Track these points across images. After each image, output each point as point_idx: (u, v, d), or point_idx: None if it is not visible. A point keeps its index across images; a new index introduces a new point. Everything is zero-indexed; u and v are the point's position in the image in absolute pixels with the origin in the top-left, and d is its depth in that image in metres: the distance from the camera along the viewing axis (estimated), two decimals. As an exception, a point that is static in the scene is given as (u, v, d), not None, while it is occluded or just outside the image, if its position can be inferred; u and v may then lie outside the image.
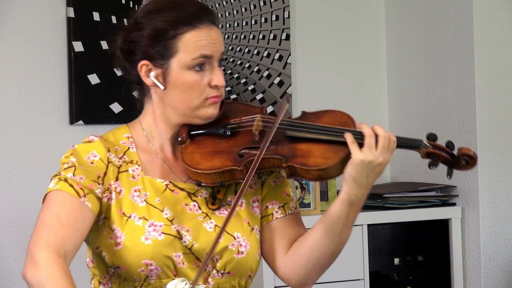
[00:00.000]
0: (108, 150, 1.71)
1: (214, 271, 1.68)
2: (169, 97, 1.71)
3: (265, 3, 3.33)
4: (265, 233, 1.77)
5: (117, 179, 1.69)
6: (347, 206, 1.67)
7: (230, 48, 3.28)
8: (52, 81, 2.99)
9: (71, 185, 1.64)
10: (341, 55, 3.49)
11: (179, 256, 1.65)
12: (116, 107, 3.05)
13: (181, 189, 1.72)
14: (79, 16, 2.99)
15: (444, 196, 3.20)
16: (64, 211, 1.62)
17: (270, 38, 3.34)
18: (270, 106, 3.30)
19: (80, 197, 1.63)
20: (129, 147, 1.74)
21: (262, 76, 3.32)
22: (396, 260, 3.10)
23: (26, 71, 2.95)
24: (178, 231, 1.66)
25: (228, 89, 3.27)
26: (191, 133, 1.73)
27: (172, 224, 1.66)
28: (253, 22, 3.31)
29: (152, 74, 1.70)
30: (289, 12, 3.37)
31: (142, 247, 1.63)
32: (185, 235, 1.66)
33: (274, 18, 3.35)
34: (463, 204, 3.17)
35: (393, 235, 3.12)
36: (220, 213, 1.71)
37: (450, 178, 1.79)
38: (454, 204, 3.19)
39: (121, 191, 1.68)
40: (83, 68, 3.00)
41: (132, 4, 3.10)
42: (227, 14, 3.26)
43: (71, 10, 2.98)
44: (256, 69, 3.32)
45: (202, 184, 1.70)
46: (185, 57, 1.67)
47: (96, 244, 1.69)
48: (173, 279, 1.61)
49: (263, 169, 1.74)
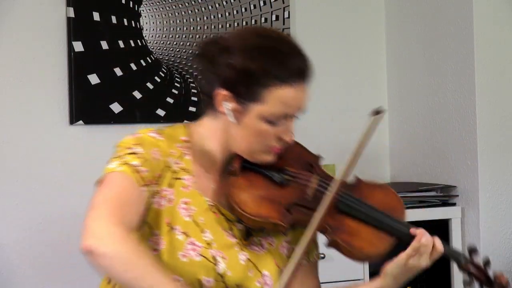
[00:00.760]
0: (169, 154, 1.65)
1: None
2: (235, 131, 1.65)
3: (265, 3, 3.33)
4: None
5: (170, 185, 1.64)
6: None
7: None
8: (52, 81, 2.99)
9: (136, 172, 1.57)
10: (341, 55, 3.49)
11: (209, 281, 1.61)
12: (116, 107, 3.05)
13: (222, 214, 1.68)
14: (79, 16, 2.99)
15: (444, 196, 3.19)
16: (127, 192, 1.55)
17: (270, 38, 3.33)
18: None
19: (140, 186, 1.57)
20: (185, 153, 1.68)
21: (262, 76, 3.31)
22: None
23: (26, 71, 2.95)
24: (214, 257, 1.62)
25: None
26: (244, 165, 1.68)
27: (210, 248, 1.62)
28: (253, 22, 3.31)
29: (228, 105, 1.63)
30: (289, 12, 3.37)
31: (177, 262, 1.59)
32: (220, 262, 1.62)
33: (274, 18, 3.35)
34: (463, 204, 3.17)
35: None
36: (252, 249, 1.68)
37: None
38: (454, 204, 3.19)
39: (171, 199, 1.64)
40: (83, 68, 3.00)
41: (132, 4, 3.10)
42: (227, 14, 3.26)
43: (71, 10, 2.98)
44: (256, 69, 3.31)
45: (242, 223, 1.66)
46: (267, 110, 1.61)
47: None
48: None
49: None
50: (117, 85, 3.06)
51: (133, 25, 3.10)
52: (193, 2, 3.21)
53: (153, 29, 3.13)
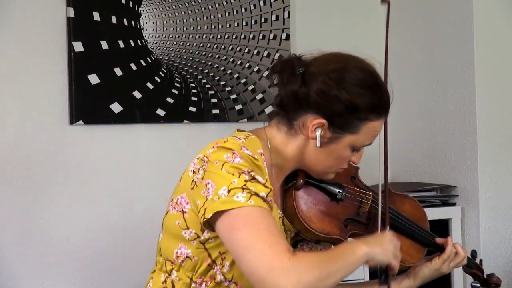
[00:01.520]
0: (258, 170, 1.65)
1: None
2: (314, 152, 1.71)
3: (265, 3, 3.33)
4: None
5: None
6: None
7: (230, 48, 3.27)
8: (52, 81, 2.99)
9: (265, 201, 1.58)
10: (341, 55, 3.48)
11: None
12: (116, 107, 3.05)
13: (283, 224, 1.75)
14: (79, 16, 2.99)
15: (444, 196, 3.20)
16: (270, 224, 1.54)
17: (270, 38, 3.34)
18: (270, 106, 3.30)
19: (269, 210, 1.59)
20: (264, 166, 1.68)
21: (262, 76, 3.32)
22: (396, 260, 3.10)
23: (26, 71, 2.95)
24: None
25: (228, 89, 3.27)
26: (308, 180, 1.76)
27: None
28: (253, 22, 3.31)
29: (320, 132, 1.68)
30: (289, 12, 3.37)
31: None
32: None
33: (274, 18, 3.35)
34: (463, 204, 3.17)
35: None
36: None
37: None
38: (454, 204, 3.19)
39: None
40: (83, 68, 3.00)
41: (132, 4, 3.10)
42: (227, 14, 3.26)
43: (71, 10, 2.98)
44: (256, 69, 3.31)
45: (301, 235, 1.75)
46: (360, 140, 1.71)
47: (224, 249, 1.65)
48: None
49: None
50: (117, 85, 3.06)
51: (133, 25, 3.10)
52: (193, 2, 3.20)
53: (153, 29, 3.13)
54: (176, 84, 3.16)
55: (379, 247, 1.64)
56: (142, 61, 3.11)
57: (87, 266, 2.99)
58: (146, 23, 3.12)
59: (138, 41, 3.11)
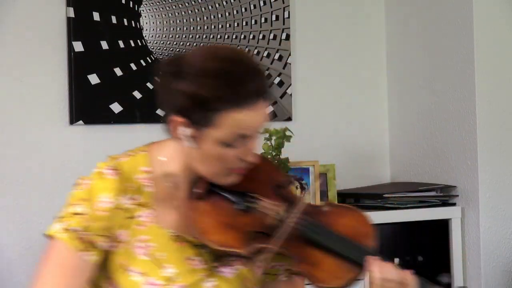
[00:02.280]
0: (123, 192, 1.59)
1: None
2: (196, 154, 1.59)
3: (265, 3, 3.33)
4: None
5: (123, 226, 1.59)
6: None
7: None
8: (52, 81, 2.99)
9: (78, 238, 1.56)
10: (341, 55, 3.48)
11: None
12: (116, 107, 3.05)
13: (188, 241, 1.62)
14: (79, 16, 2.99)
15: (444, 196, 3.19)
16: (68, 268, 1.55)
17: (270, 38, 3.33)
18: (270, 106, 3.30)
19: (83, 251, 1.56)
20: (145, 185, 1.62)
21: (262, 76, 3.31)
22: (396, 260, 3.10)
23: (26, 71, 2.95)
24: None
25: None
26: (211, 188, 1.62)
27: (172, 284, 1.58)
28: (253, 22, 3.31)
29: (185, 131, 1.57)
30: (289, 12, 3.37)
31: None
32: None
33: (274, 18, 3.35)
34: (463, 204, 3.17)
35: (393, 235, 3.12)
36: (221, 272, 1.64)
37: None
38: (454, 204, 3.19)
39: (127, 241, 1.59)
40: (83, 68, 3.00)
41: (132, 4, 3.10)
42: (227, 14, 3.26)
43: (71, 10, 2.98)
44: (256, 69, 3.31)
45: (204, 247, 1.61)
46: (221, 135, 1.55)
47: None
48: None
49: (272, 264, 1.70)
50: (117, 85, 3.06)
51: (133, 25, 3.10)
52: (193, 2, 3.20)
53: (153, 29, 3.13)
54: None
55: None
56: (142, 61, 3.11)
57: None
58: (146, 23, 3.12)
59: (138, 41, 3.11)
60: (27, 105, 2.95)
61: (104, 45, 3.03)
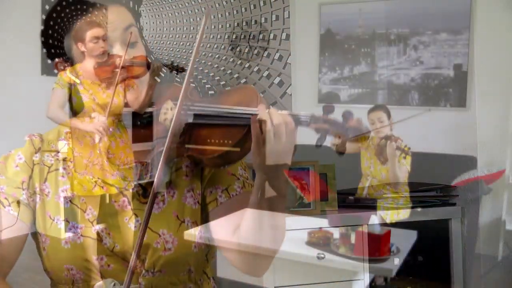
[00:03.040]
0: (39, 150, 1.68)
1: (144, 271, 1.61)
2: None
3: (265, 3, 3.33)
4: (213, 220, 1.68)
5: (45, 180, 1.65)
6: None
7: (230, 48, 3.27)
8: (52, 81, 2.98)
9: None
10: (341, 55, 3.49)
11: (101, 259, 1.60)
12: (116, 107, 3.05)
13: (111, 185, 1.64)
14: (79, 16, 2.99)
15: (444, 196, 3.19)
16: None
17: (270, 38, 3.33)
18: (270, 106, 3.30)
19: (4, 207, 1.61)
20: (65, 144, 1.70)
21: (262, 76, 3.32)
22: (396, 260, 3.10)
23: (26, 71, 2.95)
24: (98, 233, 1.61)
25: (228, 88, 3.27)
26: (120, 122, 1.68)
27: (93, 226, 1.61)
28: (253, 22, 3.31)
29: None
30: (289, 12, 3.37)
31: (62, 253, 1.60)
32: (105, 237, 1.61)
33: (274, 18, 3.35)
34: (463, 204, 3.17)
35: (393, 235, 3.12)
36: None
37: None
38: (454, 204, 3.19)
39: (49, 192, 1.65)
40: (83, 68, 3.00)
41: (132, 4, 3.10)
42: (227, 14, 3.26)
43: (71, 10, 2.99)
44: (256, 69, 3.31)
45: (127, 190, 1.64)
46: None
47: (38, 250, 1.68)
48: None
49: (175, 159, 1.67)
50: (117, 85, 3.06)
51: (133, 25, 3.10)
52: (193, 2, 3.20)
53: (153, 29, 3.13)
54: (176, 84, 3.16)
55: None
56: (142, 61, 3.11)
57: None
58: (146, 23, 3.12)
59: (138, 41, 3.11)
60: (27, 105, 2.95)
61: (104, 45, 3.04)
